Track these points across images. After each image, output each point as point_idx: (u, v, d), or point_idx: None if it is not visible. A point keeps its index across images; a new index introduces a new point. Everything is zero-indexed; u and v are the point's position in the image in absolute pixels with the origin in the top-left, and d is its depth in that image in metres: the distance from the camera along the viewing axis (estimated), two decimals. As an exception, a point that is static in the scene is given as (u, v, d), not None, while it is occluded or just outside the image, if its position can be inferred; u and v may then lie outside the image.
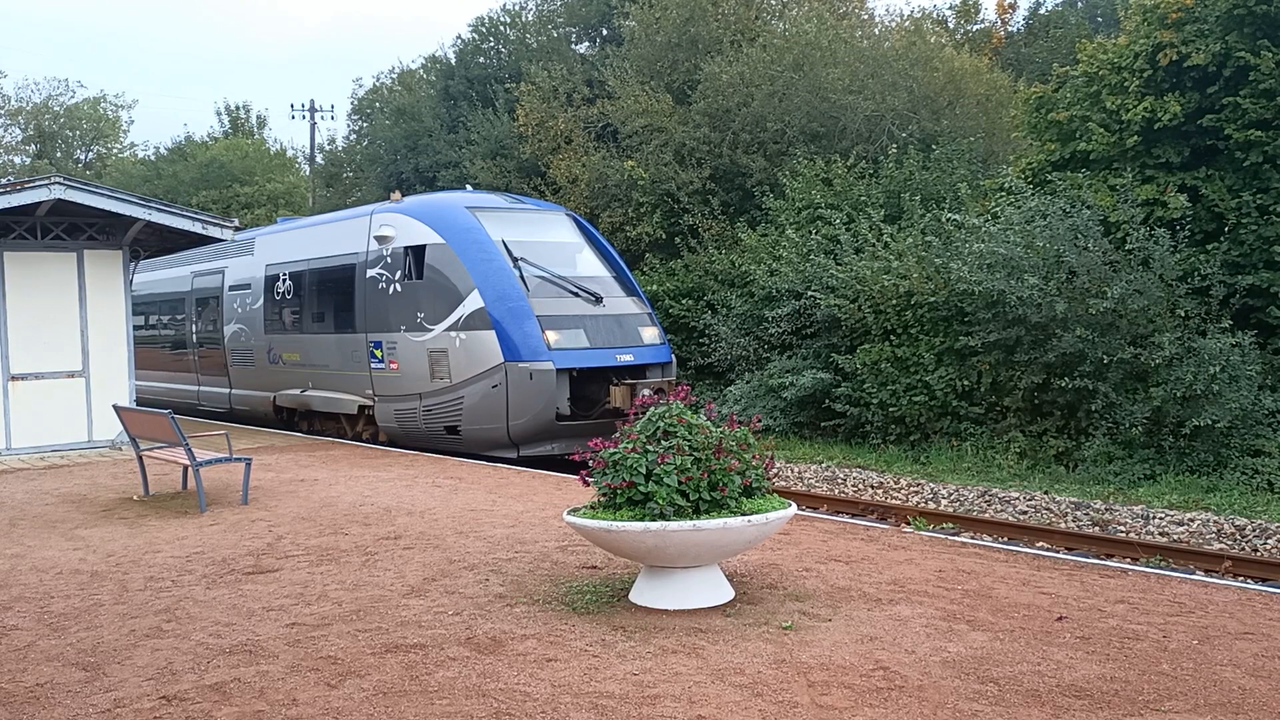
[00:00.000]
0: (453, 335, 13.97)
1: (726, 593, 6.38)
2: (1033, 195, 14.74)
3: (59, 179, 13.51)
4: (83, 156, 54.80)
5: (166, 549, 8.29)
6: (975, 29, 30.17)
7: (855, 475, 14.26)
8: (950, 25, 29.63)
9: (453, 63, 32.93)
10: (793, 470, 14.88)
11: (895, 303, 15.66)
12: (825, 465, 14.92)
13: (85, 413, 14.61)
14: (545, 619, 6.09)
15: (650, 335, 14.64)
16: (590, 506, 6.38)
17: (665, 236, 22.25)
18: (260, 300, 18.14)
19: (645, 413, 6.37)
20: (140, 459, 11.10)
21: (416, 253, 14.61)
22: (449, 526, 8.90)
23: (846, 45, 22.22)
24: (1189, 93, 14.11)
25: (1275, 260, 13.27)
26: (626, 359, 14.09)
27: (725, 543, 6.08)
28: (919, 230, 16.51)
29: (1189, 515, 11.13)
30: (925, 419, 15.13)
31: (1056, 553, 8.87)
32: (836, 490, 13.80)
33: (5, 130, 53.05)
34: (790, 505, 6.39)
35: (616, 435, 6.36)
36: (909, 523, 11.03)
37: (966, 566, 7.31)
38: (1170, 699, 4.78)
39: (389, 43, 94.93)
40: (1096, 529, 11.27)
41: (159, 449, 10.84)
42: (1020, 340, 13.92)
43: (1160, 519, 11.16)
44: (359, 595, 6.75)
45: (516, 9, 32.84)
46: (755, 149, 21.79)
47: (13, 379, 14.16)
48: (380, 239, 15.07)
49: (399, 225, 14.99)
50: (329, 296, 16.40)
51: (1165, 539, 10.69)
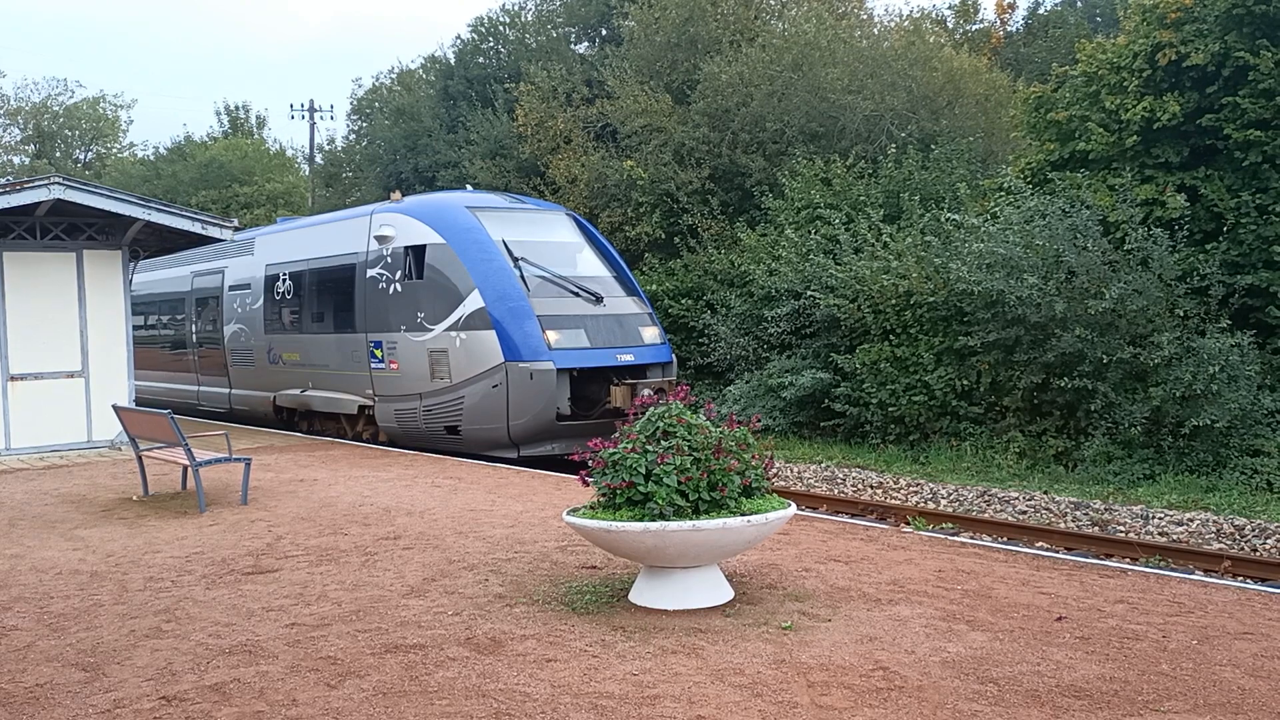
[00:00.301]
0: (453, 335, 13.97)
1: (726, 593, 6.38)
2: (1032, 195, 14.75)
3: (58, 179, 13.51)
4: (82, 156, 54.81)
5: (166, 549, 8.29)
6: (974, 29, 30.21)
7: (854, 475, 14.27)
8: (949, 25, 29.66)
9: (452, 63, 32.94)
10: (792, 470, 14.88)
11: (894, 302, 15.67)
12: (824, 465, 14.92)
13: (85, 413, 14.61)
14: (545, 619, 6.09)
15: (651, 335, 14.64)
16: (590, 507, 6.38)
17: (664, 236, 22.25)
18: (260, 300, 18.14)
19: (645, 413, 6.38)
20: (140, 459, 11.10)
21: (417, 252, 14.61)
22: (448, 527, 8.90)
23: (845, 45, 22.23)
24: (1188, 92, 14.12)
25: (1274, 260, 13.28)
26: (627, 359, 14.09)
27: (725, 543, 6.09)
28: (918, 230, 16.51)
29: (1188, 515, 11.13)
30: (924, 419, 15.13)
31: (1056, 553, 8.87)
32: (836, 490, 13.80)
33: (4, 130, 53.16)
34: (789, 505, 6.39)
35: (616, 435, 6.36)
36: (908, 523, 11.04)
37: (966, 566, 7.31)
38: (1170, 699, 4.78)
39: (389, 42, 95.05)
40: (1096, 529, 11.27)
41: (158, 449, 10.84)
42: (1019, 340, 13.92)
43: (1159, 519, 11.17)
44: (358, 595, 6.75)
45: (516, 9, 32.85)
46: (754, 149, 21.79)
47: (12, 379, 14.16)
48: (380, 239, 15.08)
49: (399, 225, 14.99)
50: (329, 296, 16.40)
51: (1164, 539, 10.70)
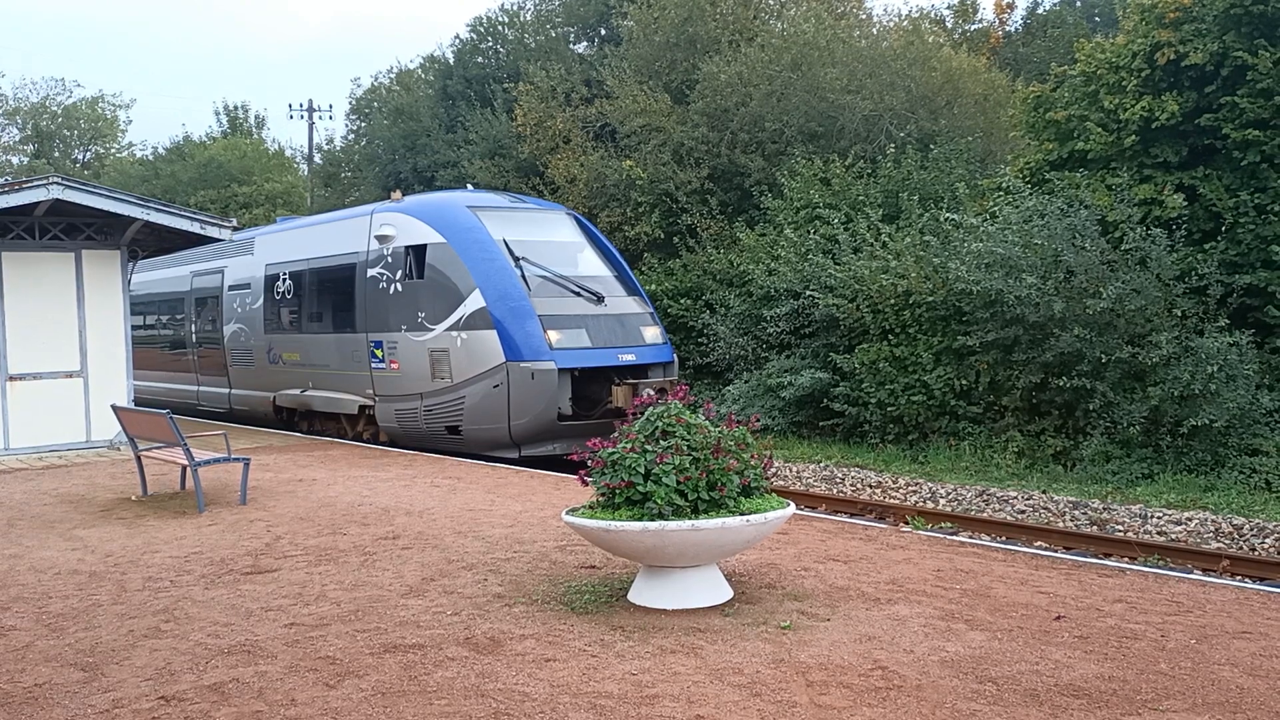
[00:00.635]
0: (454, 335, 13.95)
1: (725, 592, 6.38)
2: (1030, 195, 14.76)
3: (57, 179, 13.51)
4: (81, 156, 54.76)
5: (165, 549, 8.29)
6: (973, 29, 30.20)
7: (853, 475, 14.27)
8: (948, 25, 29.65)
9: (451, 62, 32.92)
10: (791, 470, 14.88)
11: (893, 302, 15.67)
12: (823, 465, 14.92)
13: (83, 413, 14.61)
14: (544, 619, 6.10)
15: (652, 335, 14.62)
16: (589, 506, 6.39)
17: (663, 236, 22.25)
18: (260, 300, 18.11)
19: (644, 412, 6.38)
20: (138, 459, 11.09)
21: (417, 252, 14.58)
22: (447, 526, 8.90)
23: (844, 45, 22.23)
24: (1186, 92, 14.12)
25: (1273, 259, 13.29)
26: (628, 359, 14.06)
27: (724, 542, 6.09)
28: (917, 230, 16.52)
29: (1187, 514, 11.14)
30: (923, 418, 15.14)
31: (1054, 552, 8.88)
32: (835, 490, 13.80)
33: (3, 130, 53.10)
34: (788, 505, 6.39)
35: (615, 435, 6.36)
36: (907, 522, 11.04)
37: (965, 566, 7.32)
38: (1168, 698, 4.79)
39: (389, 42, 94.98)
40: (1094, 528, 11.27)
41: (157, 449, 10.83)
42: (1018, 340, 13.93)
43: (1158, 518, 11.17)
44: (357, 595, 6.75)
45: (515, 9, 32.83)
46: (753, 149, 21.79)
47: (11, 379, 14.16)
48: (381, 238, 15.05)
49: (400, 224, 14.97)
50: (329, 296, 16.38)
51: (1163, 538, 10.71)
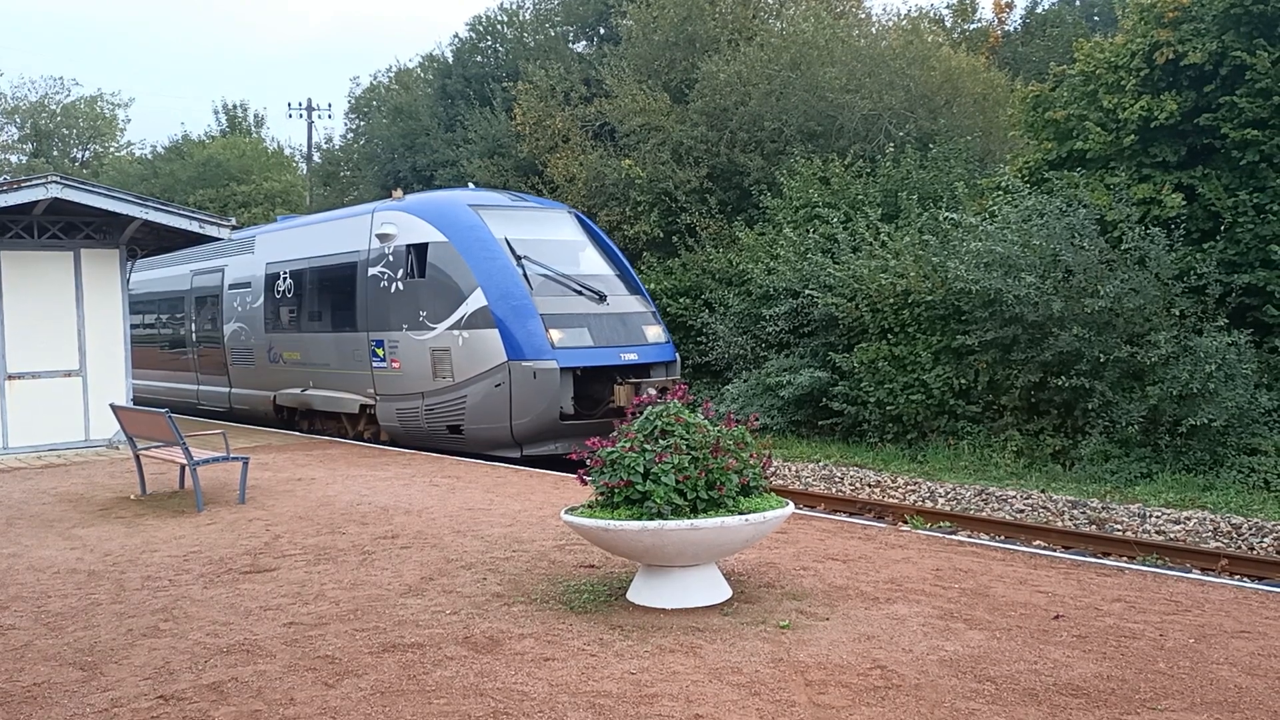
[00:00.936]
0: (456, 334, 13.91)
1: (724, 592, 6.38)
2: (1029, 194, 14.76)
3: (55, 178, 13.50)
4: (79, 155, 54.73)
5: (164, 548, 8.29)
6: (972, 28, 30.21)
7: (852, 474, 14.27)
8: (947, 24, 29.66)
9: (450, 61, 32.90)
10: (790, 469, 14.88)
11: (892, 301, 15.67)
12: (822, 464, 14.92)
13: (82, 412, 14.60)
14: (543, 618, 6.09)
15: (654, 334, 14.57)
16: (588, 505, 6.38)
17: (663, 235, 22.24)
18: (260, 299, 18.07)
19: (643, 412, 6.38)
20: (137, 458, 11.08)
21: (419, 251, 14.54)
22: (446, 525, 8.90)
23: (844, 44, 22.24)
24: (1185, 92, 14.13)
25: (1271, 259, 13.29)
26: (631, 358, 14.01)
27: (723, 541, 6.09)
28: (916, 229, 16.52)
29: (1185, 514, 11.14)
30: (922, 418, 15.14)
31: (1053, 551, 8.89)
32: (834, 489, 13.80)
33: (2, 129, 53.09)
34: (787, 504, 6.40)
35: (614, 434, 6.36)
36: (906, 521, 11.04)
37: (963, 565, 7.32)
38: (1167, 697, 4.79)
39: (390, 43, 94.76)
40: (1093, 527, 11.28)
41: (156, 448, 10.82)
42: (1017, 339, 13.93)
43: (1157, 517, 11.18)
44: (356, 594, 6.75)
45: (514, 8, 32.82)
46: (753, 148, 21.79)
47: (10, 378, 14.15)
48: (382, 237, 15.01)
49: (401, 223, 14.93)
50: (330, 295, 16.33)
51: (1162, 537, 10.71)
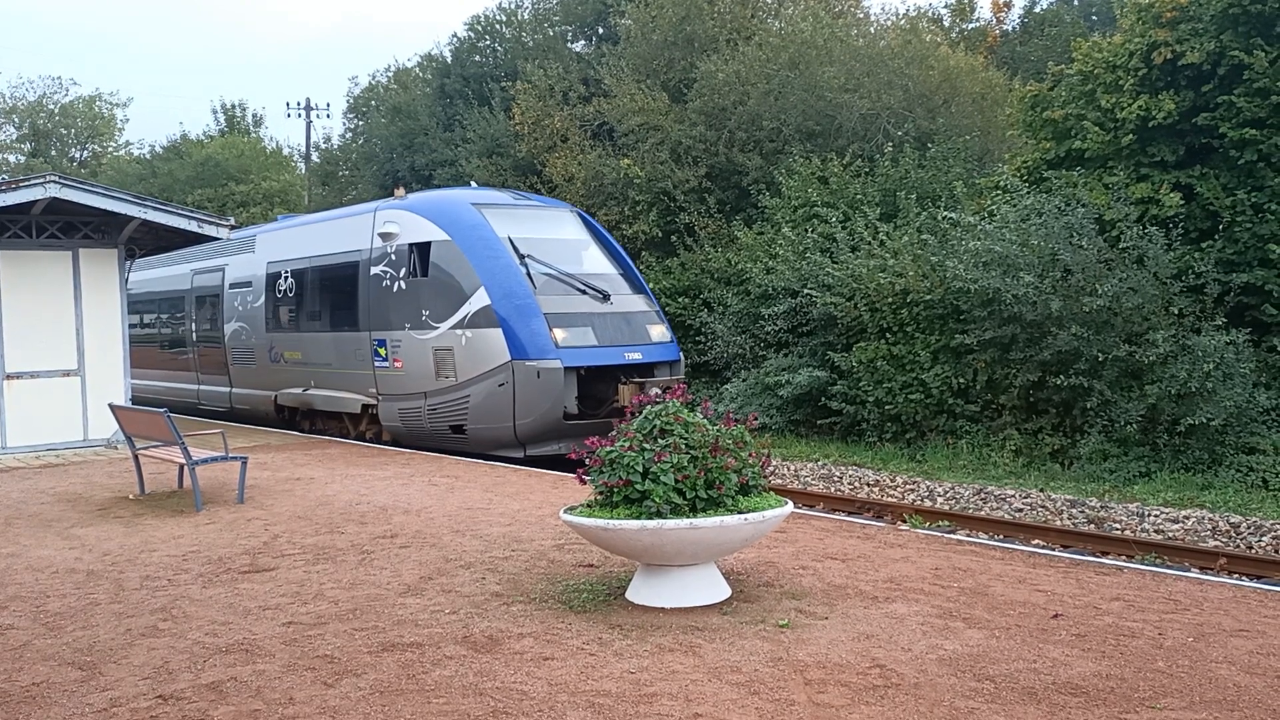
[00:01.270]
0: (458, 333, 13.86)
1: (723, 591, 6.39)
2: (1028, 193, 14.77)
3: (54, 177, 13.50)
4: (78, 155, 54.68)
5: (162, 548, 8.29)
6: (970, 27, 30.24)
7: (851, 473, 14.27)
8: (945, 24, 29.68)
9: (449, 61, 32.89)
10: (789, 468, 14.89)
11: (891, 301, 15.68)
12: (821, 463, 14.93)
13: (81, 411, 14.59)
14: (542, 617, 6.10)
15: (658, 333, 14.49)
16: (587, 505, 6.38)
17: (661, 235, 22.25)
18: (261, 298, 18.01)
19: (642, 411, 6.38)
20: (136, 458, 11.08)
21: (421, 249, 14.47)
22: (445, 525, 8.90)
23: (842, 44, 22.24)
24: (1183, 91, 14.13)
25: (1269, 258, 13.30)
26: (635, 357, 13.94)
27: (722, 541, 6.09)
28: (915, 228, 16.52)
29: (1184, 513, 11.15)
30: (921, 417, 15.15)
31: (1052, 550, 8.89)
32: (833, 488, 13.81)
33: (0, 129, 53.01)
34: (786, 503, 6.40)
35: (613, 433, 6.36)
36: (905, 520, 11.05)
37: (962, 564, 7.32)
38: (1166, 696, 4.79)
39: (389, 43, 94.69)
40: (1092, 526, 11.29)
41: (155, 448, 10.82)
42: (1015, 338, 13.94)
43: (1155, 516, 11.19)
44: (355, 594, 6.75)
45: (513, 7, 32.81)
46: (751, 147, 21.79)
47: (8, 378, 14.14)
48: (384, 236, 14.94)
49: (404, 222, 14.87)
50: (332, 294, 16.27)
51: (1160, 536, 10.72)
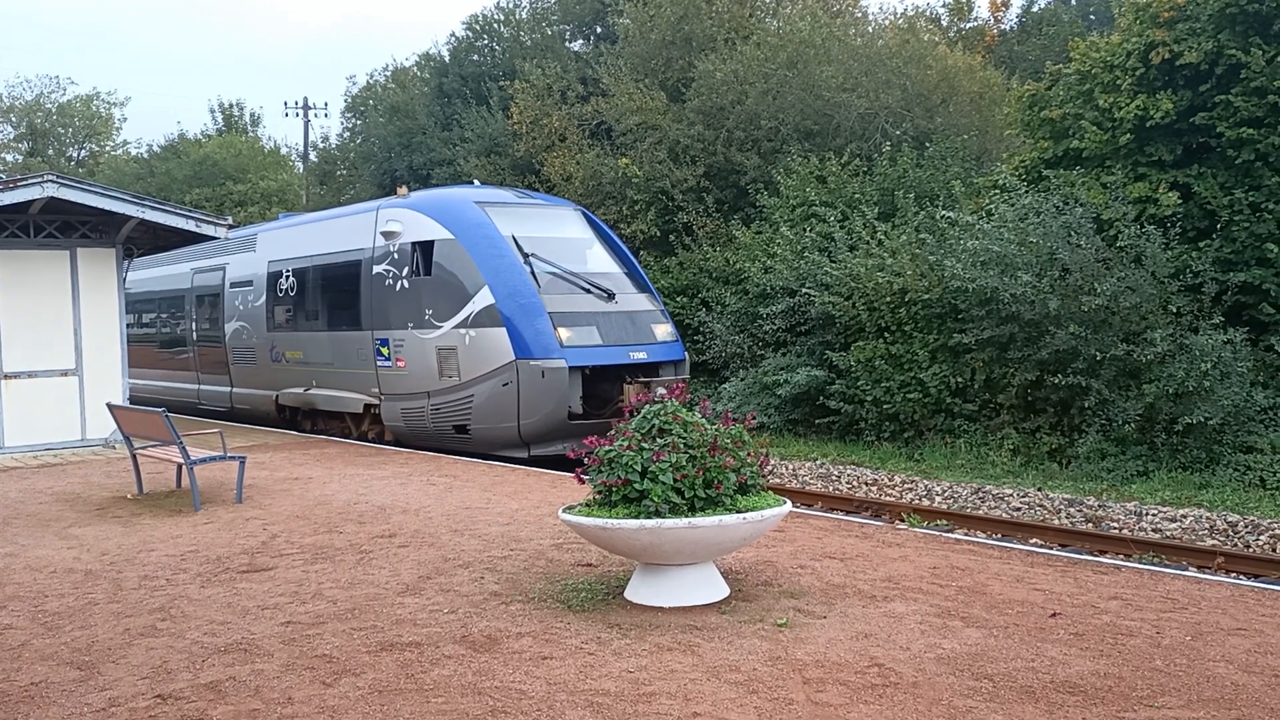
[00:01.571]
0: (462, 332, 13.79)
1: (721, 590, 6.39)
2: (1026, 192, 14.78)
3: (51, 177, 13.48)
4: (75, 154, 54.60)
5: (161, 548, 8.28)
6: (968, 27, 30.25)
7: (849, 472, 14.28)
8: (943, 23, 29.69)
9: (446, 60, 32.87)
10: (787, 467, 14.89)
11: (889, 300, 15.69)
12: (820, 462, 14.93)
13: (79, 411, 14.58)
14: (541, 617, 6.10)
15: (663, 333, 14.40)
16: (585, 504, 6.39)
17: (660, 234, 22.26)
18: (263, 297, 17.94)
19: (640, 410, 6.38)
20: (134, 457, 11.06)
21: (425, 248, 14.41)
22: (444, 524, 8.90)
23: (840, 43, 22.26)
24: (1181, 91, 14.15)
25: (1267, 257, 13.32)
26: (640, 357, 13.86)
27: (720, 540, 6.09)
28: (913, 227, 16.54)
29: (1182, 512, 11.16)
30: (919, 416, 15.16)
31: (1050, 549, 8.90)
32: (831, 487, 13.81)
33: (-3, 128, 52.95)
34: (785, 502, 6.40)
35: (612, 433, 6.36)
36: (903, 519, 11.05)
37: (960, 563, 7.33)
38: (1164, 695, 4.80)
39: (387, 43, 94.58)
40: (1090, 526, 11.30)
41: (153, 447, 10.81)
42: (1013, 337, 13.95)
43: (1153, 515, 11.20)
44: (354, 593, 6.75)
45: (510, 7, 32.81)
46: (749, 146, 21.80)
47: (6, 377, 14.13)
48: (387, 234, 14.87)
49: (406, 220, 14.80)
50: (334, 293, 16.20)
51: (1158, 535, 10.73)
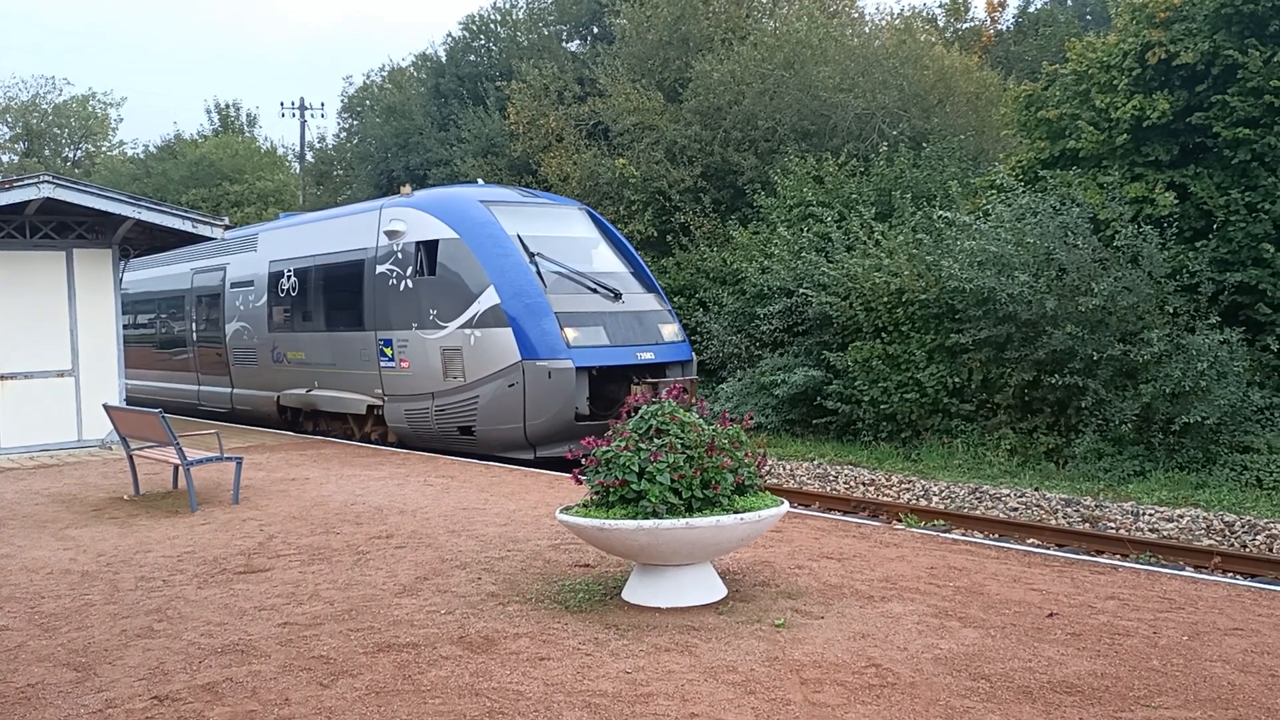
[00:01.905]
0: (467, 333, 13.69)
1: (719, 590, 6.39)
2: (1023, 193, 14.80)
3: (48, 177, 13.45)
4: (71, 155, 54.53)
5: (158, 548, 8.27)
6: (965, 27, 30.28)
7: (847, 472, 14.29)
8: (940, 24, 29.72)
9: (443, 60, 32.88)
10: (784, 468, 14.90)
11: (886, 300, 15.70)
12: (817, 463, 14.94)
13: (75, 412, 14.55)
14: (538, 617, 6.09)
15: (670, 333, 14.30)
16: (583, 505, 6.38)
17: (657, 234, 22.27)
18: (264, 297, 17.84)
19: (638, 411, 6.38)
20: (130, 458, 11.04)
21: (429, 248, 14.31)
22: (441, 525, 8.89)
23: (837, 43, 22.29)
24: (1177, 91, 14.17)
25: (1263, 257, 13.34)
26: (647, 357, 13.74)
27: (718, 540, 6.09)
28: (910, 228, 16.55)
29: (1178, 511, 11.18)
30: (916, 416, 15.17)
31: (1047, 549, 8.90)
32: (828, 488, 13.82)
33: (-7, 128, 52.88)
34: (782, 503, 6.40)
35: (609, 433, 6.36)
36: (900, 520, 11.05)
37: (957, 563, 7.33)
38: (1160, 694, 4.81)
39: (384, 43, 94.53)
40: (1087, 525, 11.31)
41: (149, 448, 10.80)
42: (1010, 337, 13.96)
43: (1150, 515, 11.22)
44: (351, 594, 6.74)
45: (507, 7, 32.81)
46: (746, 147, 21.81)
47: (2, 378, 14.10)
48: (390, 234, 14.74)
49: (410, 220, 14.70)
50: (336, 293, 16.09)
51: (1155, 535, 10.75)
